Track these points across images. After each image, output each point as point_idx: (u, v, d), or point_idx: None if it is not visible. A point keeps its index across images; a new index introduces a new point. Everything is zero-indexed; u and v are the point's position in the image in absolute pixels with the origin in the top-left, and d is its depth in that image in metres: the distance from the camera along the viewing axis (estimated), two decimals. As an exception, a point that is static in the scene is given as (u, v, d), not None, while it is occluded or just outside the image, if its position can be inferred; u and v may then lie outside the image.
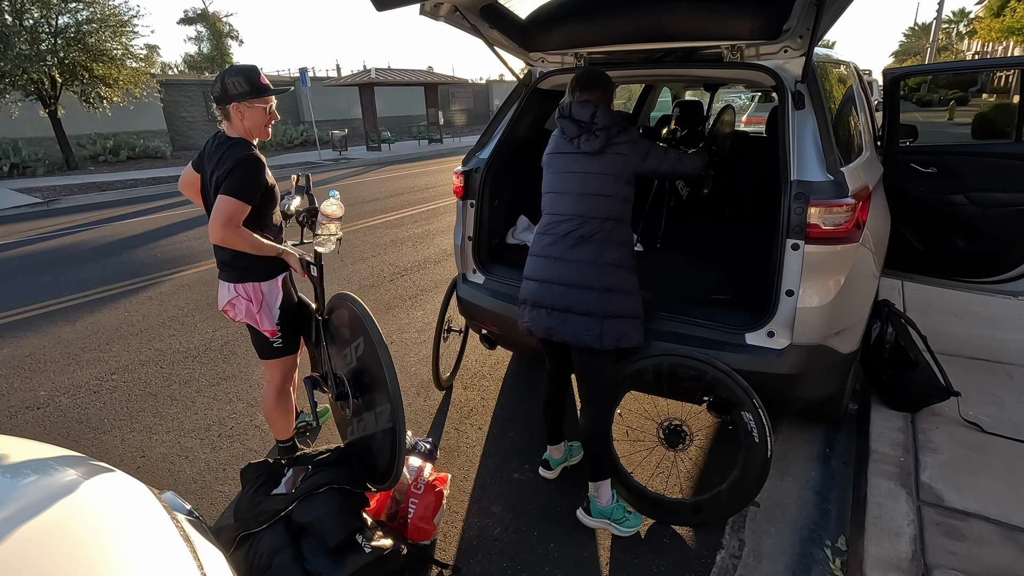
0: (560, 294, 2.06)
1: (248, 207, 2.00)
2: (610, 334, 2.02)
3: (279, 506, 1.93)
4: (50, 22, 13.85)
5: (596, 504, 2.17)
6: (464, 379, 3.41)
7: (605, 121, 2.00)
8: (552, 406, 2.40)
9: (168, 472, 2.60)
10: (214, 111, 2.06)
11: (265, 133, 2.11)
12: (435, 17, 2.41)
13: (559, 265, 2.07)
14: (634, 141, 2.04)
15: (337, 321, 2.28)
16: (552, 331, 2.09)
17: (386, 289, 5.07)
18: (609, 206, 2.03)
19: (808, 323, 2.07)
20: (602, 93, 2.09)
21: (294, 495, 1.99)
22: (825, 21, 1.93)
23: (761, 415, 2.04)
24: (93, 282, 5.49)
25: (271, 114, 2.09)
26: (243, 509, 2.02)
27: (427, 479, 2.22)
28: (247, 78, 1.99)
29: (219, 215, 1.94)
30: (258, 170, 2.02)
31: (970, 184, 3.05)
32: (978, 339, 3.44)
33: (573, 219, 2.06)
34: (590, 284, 2.01)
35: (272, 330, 2.24)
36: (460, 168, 2.85)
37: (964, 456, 2.38)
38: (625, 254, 2.07)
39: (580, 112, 2.03)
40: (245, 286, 2.17)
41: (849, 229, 2.01)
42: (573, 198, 2.07)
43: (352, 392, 2.19)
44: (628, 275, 2.07)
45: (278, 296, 2.23)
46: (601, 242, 2.02)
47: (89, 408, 3.18)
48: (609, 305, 2.02)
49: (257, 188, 2.03)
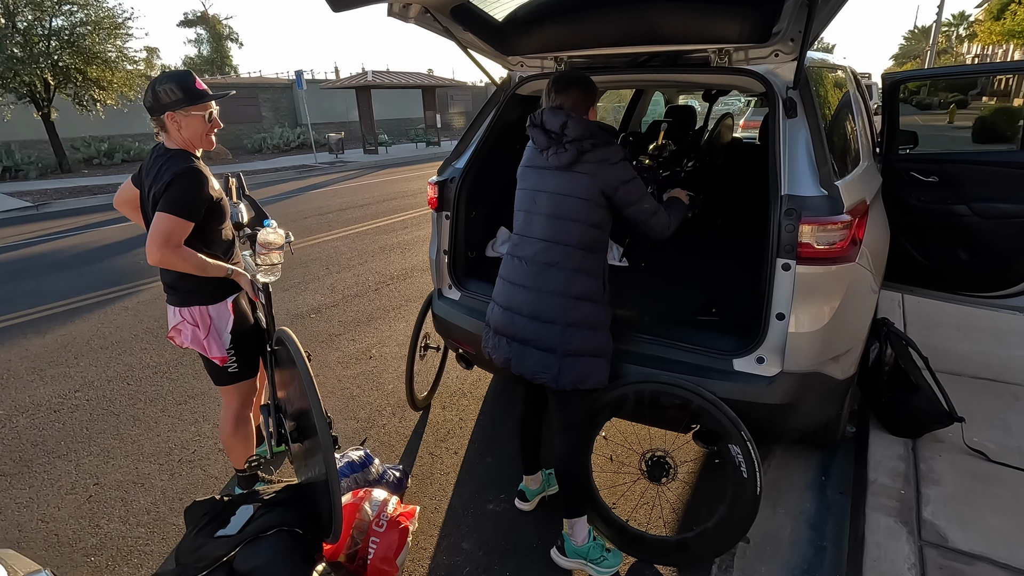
0: (521, 325, 1.90)
1: (190, 224, 1.84)
2: (569, 374, 1.85)
3: (220, 551, 1.77)
4: (43, 24, 13.73)
5: (571, 543, 2.01)
6: (443, 398, 3.25)
7: (576, 132, 1.79)
8: (527, 433, 2.24)
9: (121, 502, 2.45)
10: (150, 123, 1.90)
11: (207, 142, 1.95)
12: (405, 19, 2.25)
13: (522, 293, 1.91)
14: (610, 161, 1.82)
15: (282, 356, 2.12)
16: (511, 362, 1.95)
17: (370, 299, 4.91)
18: (579, 233, 1.84)
19: (800, 349, 1.92)
20: (579, 98, 1.89)
21: (239, 538, 1.83)
22: (817, 23, 1.78)
23: (750, 448, 1.89)
24: (71, 291, 5.34)
25: (212, 121, 1.92)
26: (184, 552, 1.86)
27: (391, 515, 2.06)
28: (180, 84, 1.83)
29: (157, 234, 1.78)
30: (198, 184, 1.85)
31: (973, 194, 2.90)
32: (982, 356, 3.28)
33: (539, 243, 1.89)
34: (553, 318, 1.85)
35: (222, 357, 2.08)
36: (434, 178, 2.70)
37: (969, 488, 2.22)
38: (595, 285, 1.88)
39: (551, 120, 1.83)
40: (191, 310, 2.01)
41: (844, 248, 1.85)
42: (542, 219, 1.89)
43: (291, 435, 2.03)
44: (596, 308, 1.89)
45: (228, 320, 2.07)
46: (570, 271, 1.85)
47: (47, 429, 3.02)
48: (571, 343, 1.84)
49: (198, 203, 1.86)
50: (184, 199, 1.81)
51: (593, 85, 1.95)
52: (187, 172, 1.82)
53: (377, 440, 2.87)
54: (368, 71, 19.47)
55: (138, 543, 2.23)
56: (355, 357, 3.79)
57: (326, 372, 3.58)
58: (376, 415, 3.09)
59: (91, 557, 2.16)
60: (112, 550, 2.19)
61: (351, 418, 3.07)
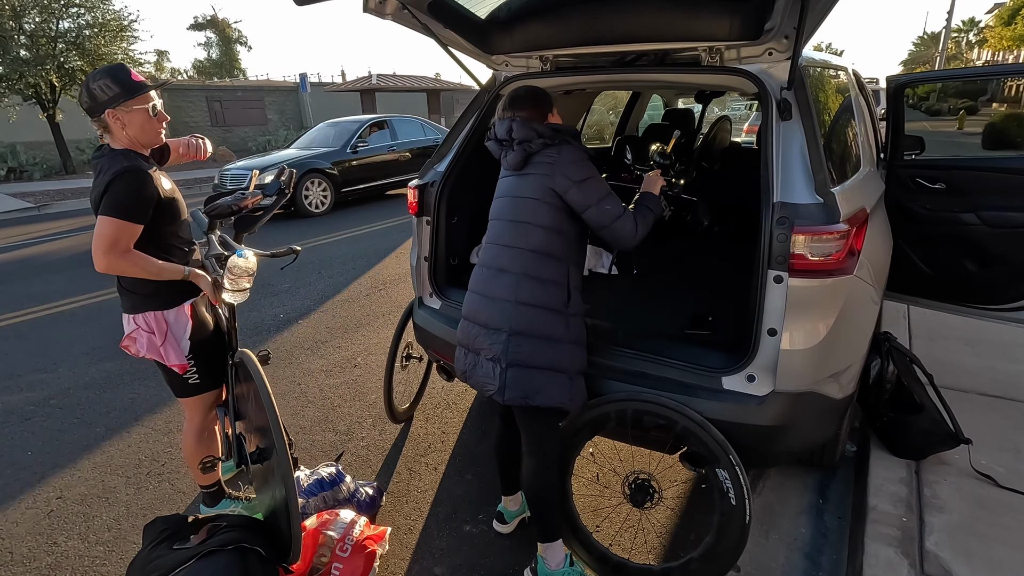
0: (474, 334, 1.80)
1: (136, 226, 1.72)
2: (516, 387, 1.71)
3: (173, 561, 1.66)
4: (50, 26, 13.79)
5: (544, 567, 1.88)
6: (426, 410, 3.14)
7: (521, 134, 1.73)
8: (504, 451, 2.12)
9: (82, 517, 2.34)
10: (92, 126, 1.78)
11: (156, 138, 1.82)
12: (382, 15, 2.15)
13: (475, 300, 1.83)
14: (562, 161, 1.72)
15: (242, 373, 2.01)
16: (466, 375, 1.85)
17: (360, 305, 4.81)
18: (532, 235, 1.74)
19: (794, 367, 1.79)
20: (531, 109, 1.81)
21: (196, 550, 1.72)
22: (812, 19, 1.66)
23: (738, 473, 1.76)
24: (58, 294, 5.27)
25: (158, 115, 1.79)
26: (135, 568, 1.75)
27: (356, 538, 1.94)
28: (115, 79, 1.70)
29: (101, 240, 1.67)
30: (140, 183, 1.72)
31: (982, 202, 2.77)
32: (990, 371, 3.13)
33: (495, 248, 1.81)
34: (499, 325, 1.74)
35: (181, 365, 1.96)
36: (415, 182, 2.59)
37: (975, 516, 2.08)
38: (553, 294, 1.74)
39: (500, 128, 1.80)
40: (146, 316, 1.89)
41: (841, 260, 1.73)
42: (501, 225, 1.81)
43: (250, 456, 1.92)
44: (553, 318, 1.74)
45: (187, 326, 1.95)
46: (518, 276, 1.74)
47: (15, 438, 2.93)
48: (518, 353, 1.71)
49: (142, 203, 1.73)
50: (125, 200, 1.69)
51: (543, 93, 1.87)
52: (126, 171, 1.70)
53: (355, 454, 2.75)
54: (373, 74, 19.47)
55: (95, 563, 2.12)
56: (339, 365, 3.68)
57: (308, 381, 3.47)
58: (356, 427, 2.98)
59: (44, 578, 2.05)
60: (67, 570, 2.08)
61: (329, 430, 2.95)
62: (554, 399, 1.74)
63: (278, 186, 2.23)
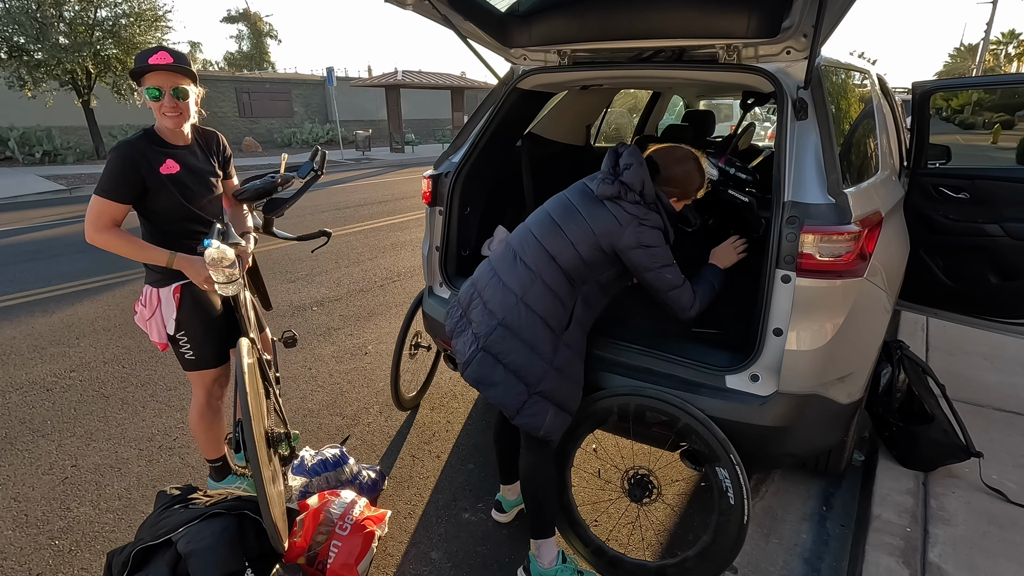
0: (473, 304, 1.85)
1: (118, 205, 1.76)
2: (477, 370, 1.78)
3: (177, 520, 1.71)
4: (88, 15, 14.18)
5: (537, 565, 1.89)
6: (432, 399, 3.16)
7: (632, 179, 1.71)
8: (503, 440, 2.13)
9: (95, 486, 2.41)
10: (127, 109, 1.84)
11: (163, 121, 1.83)
12: (403, 5, 2.19)
13: (488, 275, 1.86)
14: (641, 222, 1.71)
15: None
16: (452, 334, 1.91)
17: (375, 295, 4.86)
18: (563, 250, 1.74)
19: (798, 368, 1.77)
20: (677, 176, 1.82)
21: (201, 510, 1.77)
22: (829, 17, 1.64)
23: (738, 472, 1.75)
24: (83, 273, 5.42)
25: (161, 102, 1.79)
26: (145, 528, 1.80)
27: (356, 518, 1.97)
28: (136, 58, 1.77)
29: (87, 214, 1.75)
30: (120, 162, 1.74)
31: (1007, 214, 2.70)
32: (1009, 387, 3.05)
33: (531, 238, 1.82)
34: (494, 310, 1.78)
35: (161, 343, 2.01)
36: (429, 172, 2.61)
37: (983, 531, 2.03)
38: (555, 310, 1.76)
39: (626, 157, 1.76)
40: (146, 288, 1.96)
41: (851, 261, 1.71)
42: (549, 225, 1.81)
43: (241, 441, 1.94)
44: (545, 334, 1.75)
45: (173, 308, 1.96)
46: (534, 276, 1.76)
47: (37, 407, 3.02)
48: (497, 343, 1.76)
49: (120, 183, 1.76)
50: (105, 178, 1.75)
51: (694, 182, 1.85)
52: (115, 148, 1.76)
53: (360, 438, 2.79)
54: (399, 71, 19.62)
55: (104, 529, 2.18)
56: (350, 352, 3.73)
57: (318, 366, 3.53)
58: (363, 413, 3.02)
59: (55, 540, 2.12)
60: (78, 534, 2.15)
61: (337, 414, 3.00)
62: (507, 405, 1.74)
63: (311, 167, 2.24)
